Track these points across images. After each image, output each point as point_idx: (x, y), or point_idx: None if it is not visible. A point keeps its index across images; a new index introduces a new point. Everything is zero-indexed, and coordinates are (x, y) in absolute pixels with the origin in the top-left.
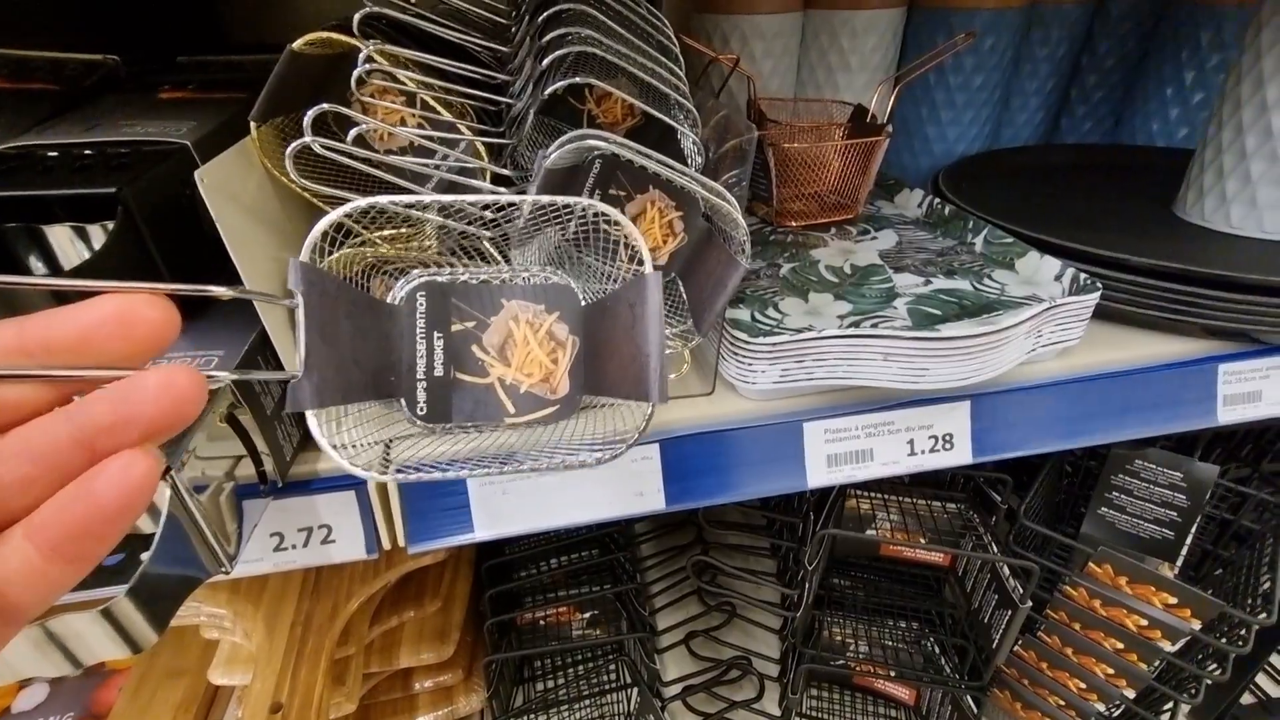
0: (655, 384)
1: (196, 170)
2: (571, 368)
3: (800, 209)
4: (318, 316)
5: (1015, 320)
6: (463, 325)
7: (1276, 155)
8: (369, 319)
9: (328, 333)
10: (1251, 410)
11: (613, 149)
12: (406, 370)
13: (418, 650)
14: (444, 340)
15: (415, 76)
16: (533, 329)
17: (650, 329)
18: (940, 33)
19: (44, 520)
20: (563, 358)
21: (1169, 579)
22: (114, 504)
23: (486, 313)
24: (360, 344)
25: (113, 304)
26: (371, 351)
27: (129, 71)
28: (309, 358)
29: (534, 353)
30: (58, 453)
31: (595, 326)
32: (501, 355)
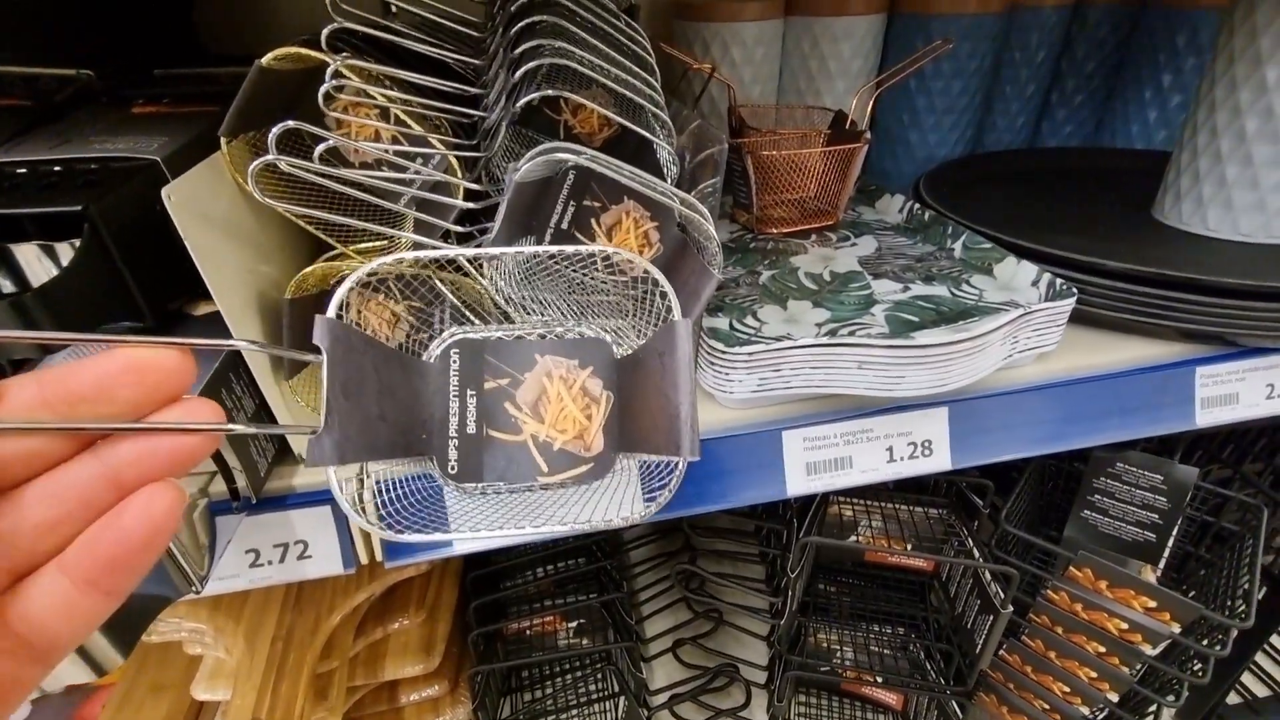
0: (686, 437)
1: (164, 188)
2: (606, 424)
3: (781, 216)
4: (341, 372)
5: (990, 327)
6: (496, 382)
7: (1251, 159)
8: (399, 375)
9: (351, 388)
10: (1229, 413)
11: (584, 162)
12: (438, 427)
13: (403, 662)
14: (477, 397)
15: (386, 91)
16: (566, 385)
17: (680, 379)
18: (919, 38)
19: (76, 554)
20: (597, 414)
21: (1148, 583)
22: (142, 535)
23: (520, 369)
24: (389, 400)
25: (126, 355)
26: (401, 408)
27: (104, 85)
28: (330, 414)
29: (568, 409)
30: (87, 493)
31: (627, 380)
32: (535, 412)
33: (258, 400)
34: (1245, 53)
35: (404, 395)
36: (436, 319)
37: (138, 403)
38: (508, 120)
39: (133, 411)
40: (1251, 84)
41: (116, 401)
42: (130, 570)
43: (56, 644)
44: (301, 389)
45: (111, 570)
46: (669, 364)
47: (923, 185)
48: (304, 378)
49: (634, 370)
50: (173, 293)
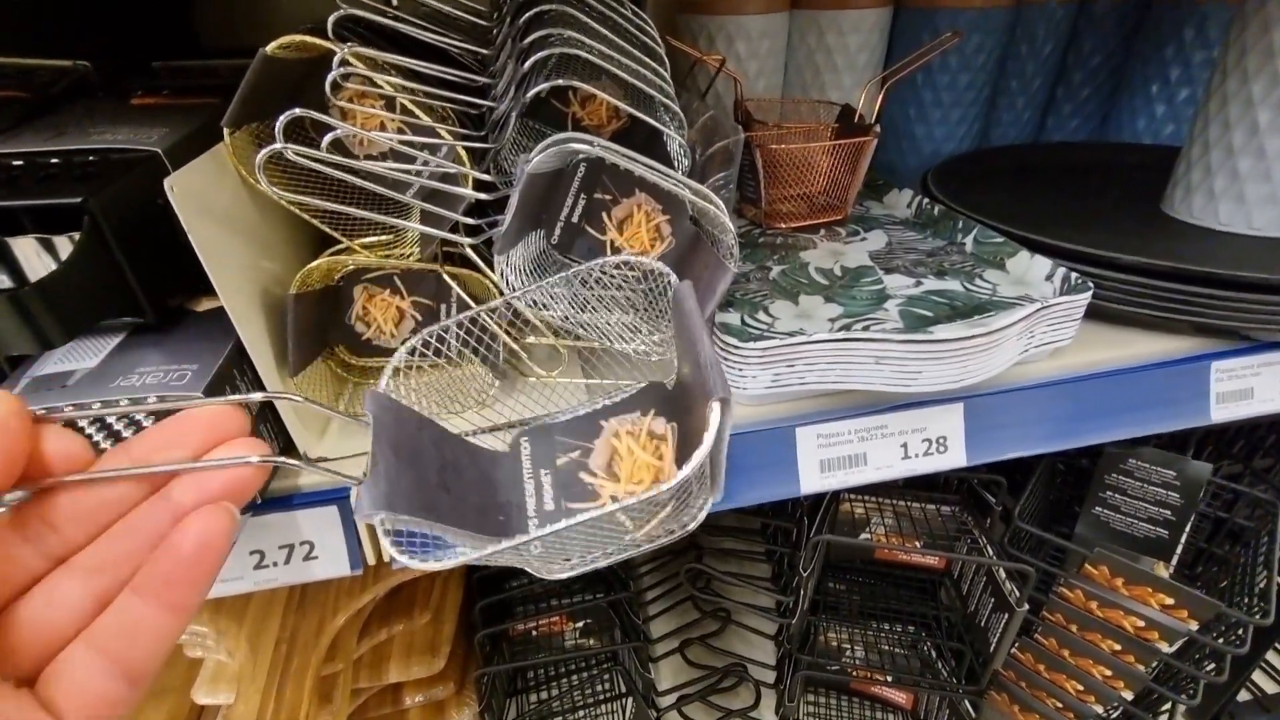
0: (716, 381)
1: (166, 178)
2: (676, 454)
3: (789, 210)
4: (390, 434)
5: (1008, 321)
6: (568, 457)
7: (1264, 151)
8: (464, 458)
9: (403, 451)
10: (1244, 408)
11: (597, 152)
12: (516, 510)
13: (408, 664)
14: (551, 475)
15: (394, 80)
16: (634, 437)
17: (695, 331)
18: (926, 32)
19: (143, 577)
20: (667, 450)
21: (1166, 580)
22: (193, 552)
23: (589, 438)
24: (454, 476)
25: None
26: (471, 488)
27: (101, 78)
28: (375, 465)
29: (639, 459)
30: (155, 526)
31: (682, 395)
32: (609, 473)
33: None
34: (1258, 45)
35: (473, 476)
36: (443, 315)
37: (200, 446)
38: (517, 111)
39: (195, 455)
40: (1264, 76)
41: (184, 448)
42: (191, 585)
43: (141, 668)
44: (306, 385)
45: (173, 586)
46: (684, 329)
47: (931, 180)
48: (308, 375)
49: (681, 385)
50: (174, 288)
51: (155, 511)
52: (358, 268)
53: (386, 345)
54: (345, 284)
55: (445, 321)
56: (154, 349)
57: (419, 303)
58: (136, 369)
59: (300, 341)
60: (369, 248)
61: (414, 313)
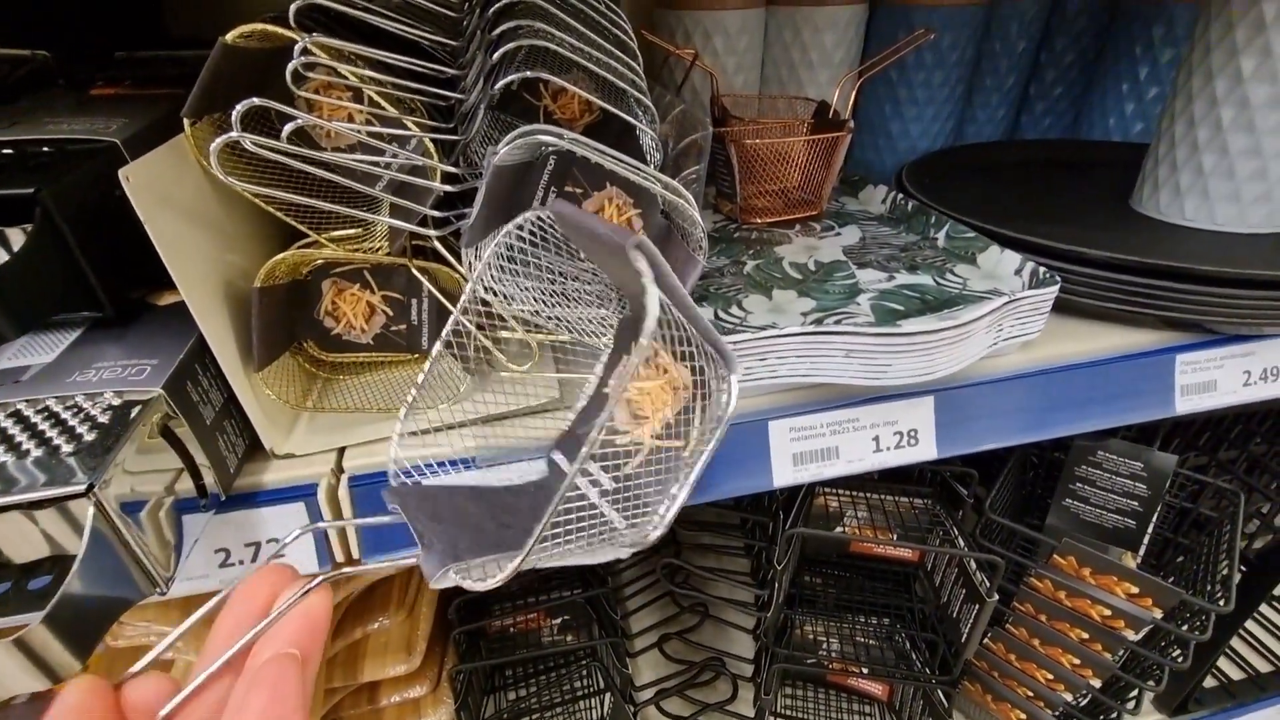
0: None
1: (121, 168)
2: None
3: (764, 206)
4: (422, 511)
5: (976, 315)
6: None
7: (1227, 149)
8: (510, 498)
9: (443, 515)
10: (1208, 400)
11: (566, 145)
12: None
13: (383, 663)
14: (594, 463)
15: (359, 71)
16: (636, 377)
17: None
18: (901, 29)
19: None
20: (664, 358)
21: (1130, 569)
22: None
23: (602, 409)
24: (515, 516)
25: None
26: (527, 513)
27: (61, 68)
28: (423, 538)
29: (648, 387)
30: None
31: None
32: (636, 419)
33: (226, 393)
34: (1222, 42)
35: (528, 504)
36: (414, 310)
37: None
38: (486, 103)
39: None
40: (1227, 73)
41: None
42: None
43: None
44: (272, 380)
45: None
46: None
47: (905, 176)
48: (275, 370)
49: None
50: (134, 282)
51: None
52: (326, 261)
53: (356, 341)
54: (314, 278)
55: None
56: (113, 344)
57: (389, 297)
58: (94, 364)
59: (265, 336)
60: (337, 241)
61: (385, 308)
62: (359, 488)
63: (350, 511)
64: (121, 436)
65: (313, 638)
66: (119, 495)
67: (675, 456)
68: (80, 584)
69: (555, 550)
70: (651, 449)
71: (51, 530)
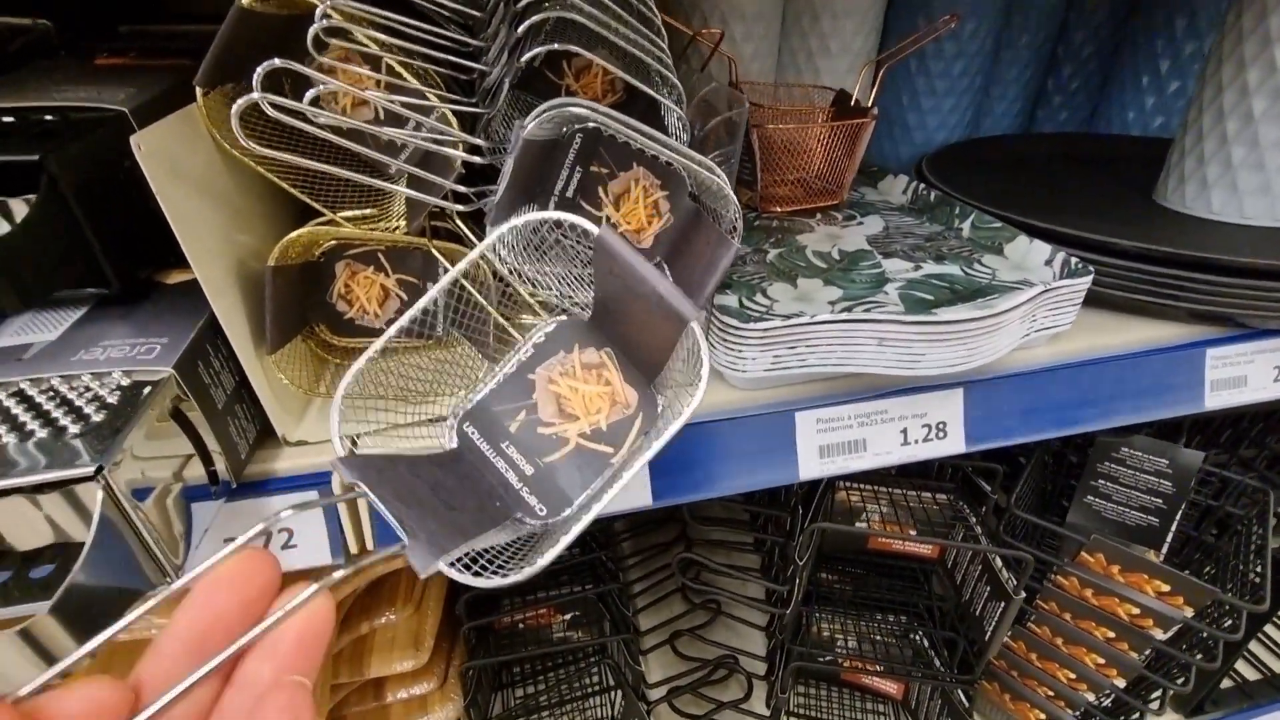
0: (681, 301)
1: (133, 135)
2: (625, 374)
3: (785, 194)
4: (389, 490)
5: (1012, 304)
6: (518, 420)
7: (1257, 140)
8: (438, 472)
9: (406, 496)
10: (1237, 395)
11: (598, 118)
12: (505, 489)
13: (390, 658)
14: (513, 444)
15: (381, 37)
16: (569, 375)
17: (639, 270)
18: (920, 16)
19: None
20: (611, 373)
21: (1162, 566)
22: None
23: (527, 395)
24: (444, 493)
25: (216, 573)
26: (460, 493)
27: (63, 38)
28: (403, 524)
29: (585, 391)
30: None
31: (608, 325)
32: (565, 415)
33: (238, 376)
34: (1254, 31)
35: (452, 483)
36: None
37: (247, 601)
38: (510, 77)
39: (246, 609)
40: (1260, 63)
41: (232, 612)
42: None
43: None
44: (285, 365)
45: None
46: (622, 268)
47: (926, 166)
48: (287, 354)
49: (605, 314)
50: (142, 259)
51: (238, 703)
52: (340, 242)
53: (370, 325)
54: (326, 260)
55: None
56: (120, 321)
57: (404, 281)
58: (100, 341)
59: (279, 317)
60: (353, 221)
61: (399, 291)
62: None
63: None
64: (131, 418)
65: (316, 653)
66: (129, 480)
67: (604, 460)
68: (87, 573)
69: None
70: (576, 446)
71: (56, 516)
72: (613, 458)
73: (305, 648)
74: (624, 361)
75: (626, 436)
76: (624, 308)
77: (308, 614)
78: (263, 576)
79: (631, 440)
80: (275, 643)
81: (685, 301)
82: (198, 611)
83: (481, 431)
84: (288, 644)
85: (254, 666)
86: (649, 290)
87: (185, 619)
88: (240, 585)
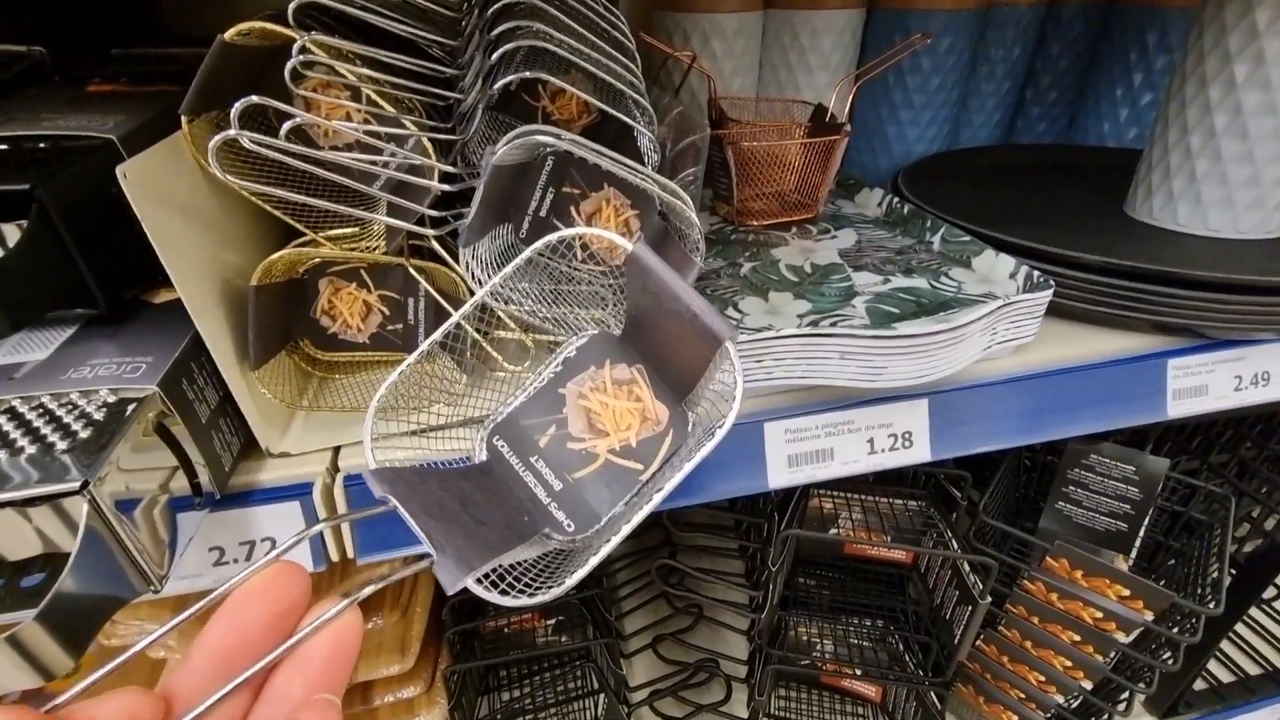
0: (716, 319)
1: (119, 165)
2: (656, 391)
3: (761, 208)
4: (416, 503)
5: (971, 317)
6: (547, 434)
7: (1221, 155)
8: (466, 486)
9: (435, 510)
10: (1199, 404)
11: (564, 145)
12: (532, 505)
13: (376, 663)
14: (542, 459)
15: (357, 70)
16: (600, 389)
17: (674, 287)
18: (898, 33)
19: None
20: (641, 390)
21: (1121, 571)
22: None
23: (558, 409)
24: (474, 509)
25: (260, 580)
26: (489, 508)
27: (57, 64)
28: (431, 537)
29: (616, 406)
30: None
31: (641, 341)
32: (595, 431)
33: (222, 392)
34: (1215, 49)
35: (481, 497)
36: (410, 309)
37: (277, 615)
38: (484, 103)
39: (277, 622)
40: (1221, 80)
41: (263, 625)
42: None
43: None
44: (268, 380)
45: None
46: (656, 286)
47: (901, 180)
48: (271, 369)
49: (638, 330)
50: (130, 280)
51: (268, 717)
52: (323, 260)
53: (353, 340)
54: (310, 277)
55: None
56: (108, 341)
57: (386, 296)
58: (89, 360)
59: (262, 334)
60: (334, 240)
61: (381, 307)
62: (355, 487)
63: (345, 510)
64: (116, 434)
65: (345, 669)
66: (113, 493)
67: (634, 475)
68: (74, 582)
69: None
70: (605, 462)
71: (45, 527)
72: (642, 474)
73: (335, 664)
74: (655, 378)
75: (656, 454)
76: (657, 324)
77: (336, 629)
78: (294, 590)
79: (662, 457)
80: (306, 658)
81: (721, 320)
82: (229, 624)
83: (511, 445)
84: (318, 660)
85: (284, 680)
86: (684, 308)
87: (217, 631)
88: (272, 599)
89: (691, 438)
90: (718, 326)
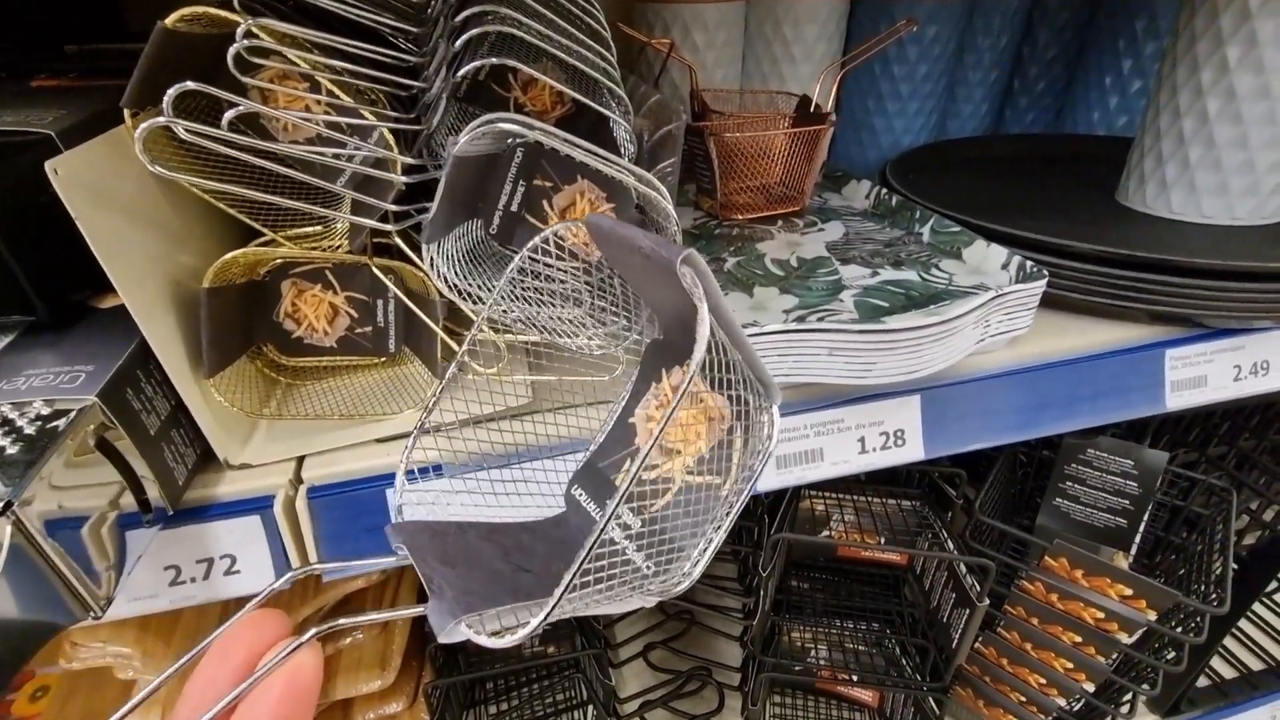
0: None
1: (48, 161)
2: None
3: (746, 202)
4: (432, 551)
5: (962, 310)
6: (624, 470)
7: (1214, 140)
8: (527, 536)
9: (454, 559)
10: (1198, 395)
11: (533, 135)
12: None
13: (356, 680)
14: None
15: (310, 57)
16: (664, 404)
17: (631, 239)
18: (883, 21)
19: None
20: (698, 384)
21: (1123, 570)
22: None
23: (629, 441)
24: (525, 555)
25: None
26: (548, 556)
27: (4, 60)
28: (431, 583)
29: (679, 416)
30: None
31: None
32: (666, 453)
33: (173, 400)
34: (1206, 32)
35: (544, 549)
36: (379, 311)
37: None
38: (449, 93)
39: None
40: (1213, 64)
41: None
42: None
43: None
44: (225, 387)
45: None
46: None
47: (889, 170)
48: (230, 376)
49: (661, 317)
50: (73, 283)
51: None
52: (285, 261)
53: (319, 344)
54: (272, 279)
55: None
56: (47, 349)
57: (353, 298)
58: (24, 371)
59: (217, 340)
60: (295, 240)
61: (348, 309)
62: (318, 499)
63: (309, 524)
64: (47, 449)
65: (301, 703)
66: (43, 513)
67: (711, 495)
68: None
69: (581, 600)
70: (682, 485)
71: None
72: (722, 488)
73: (289, 700)
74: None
75: (731, 456)
76: (655, 298)
77: (293, 665)
78: (270, 640)
79: (738, 457)
80: (260, 695)
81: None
82: (212, 672)
83: (589, 492)
84: (273, 697)
85: (246, 714)
86: (639, 253)
87: (202, 678)
88: (248, 650)
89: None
90: (668, 253)
